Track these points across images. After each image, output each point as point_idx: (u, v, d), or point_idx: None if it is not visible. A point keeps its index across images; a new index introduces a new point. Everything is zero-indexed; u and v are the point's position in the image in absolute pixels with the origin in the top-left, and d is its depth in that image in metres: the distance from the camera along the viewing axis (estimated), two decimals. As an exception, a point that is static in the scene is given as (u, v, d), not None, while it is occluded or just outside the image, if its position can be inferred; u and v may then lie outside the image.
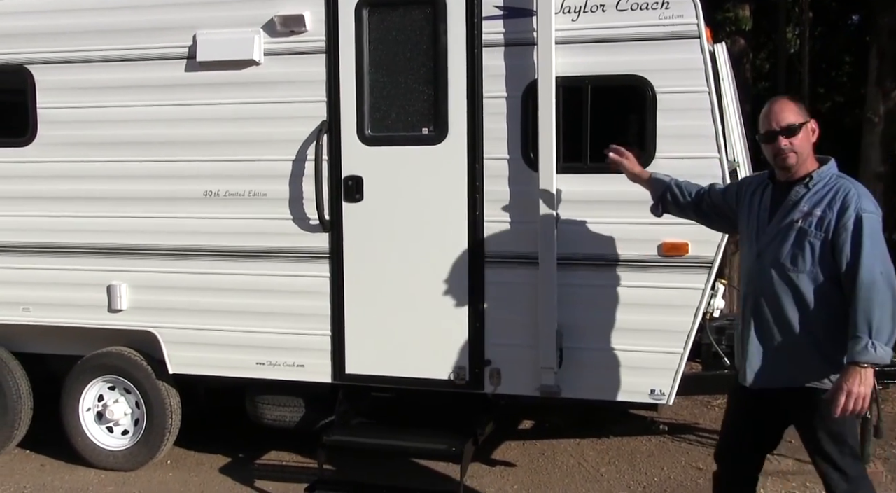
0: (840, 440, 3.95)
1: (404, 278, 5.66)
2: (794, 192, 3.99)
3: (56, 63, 6.10)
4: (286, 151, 5.76)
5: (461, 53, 5.44)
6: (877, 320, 3.73)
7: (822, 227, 3.87)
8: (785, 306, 3.96)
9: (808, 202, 3.93)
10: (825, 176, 3.97)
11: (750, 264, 4.14)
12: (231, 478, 6.28)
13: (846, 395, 3.74)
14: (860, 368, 3.75)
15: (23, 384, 6.54)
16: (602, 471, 6.31)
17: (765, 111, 4.04)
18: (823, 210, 3.88)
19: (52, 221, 6.19)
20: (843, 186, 3.92)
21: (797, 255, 3.92)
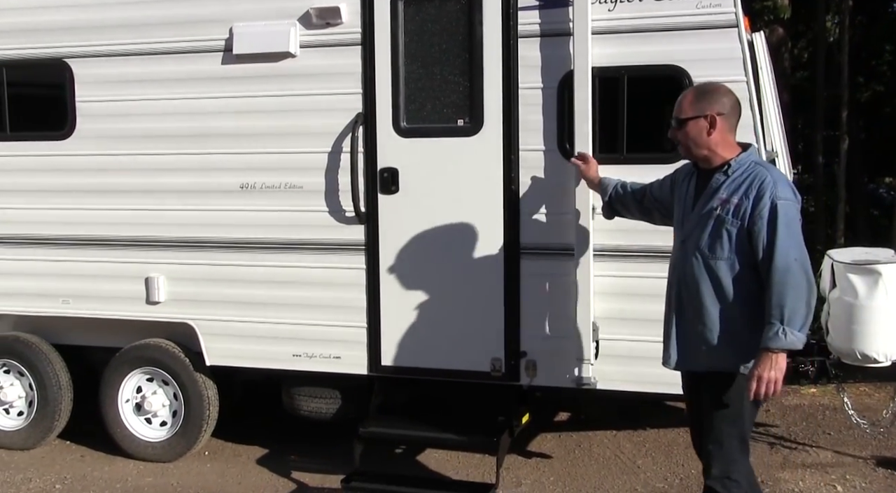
0: (735, 422, 4.03)
1: (440, 270, 5.65)
2: (715, 179, 4.04)
3: (94, 57, 6.15)
4: (322, 144, 5.77)
5: (497, 44, 5.42)
6: (789, 306, 3.78)
7: (739, 215, 3.90)
8: (704, 293, 4.02)
9: (727, 190, 3.97)
10: (744, 163, 4.00)
11: (675, 251, 4.23)
12: (268, 469, 6.32)
13: (757, 380, 3.84)
14: (772, 353, 3.82)
15: (63, 376, 6.62)
16: (639, 463, 6.29)
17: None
18: (740, 198, 3.91)
19: (90, 214, 6.25)
20: (759, 173, 3.94)
21: (715, 242, 3.97)
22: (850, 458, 6.27)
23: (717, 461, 4.06)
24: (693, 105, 4.07)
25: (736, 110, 4.12)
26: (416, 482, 5.96)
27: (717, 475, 4.06)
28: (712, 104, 4.05)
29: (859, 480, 5.90)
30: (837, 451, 6.38)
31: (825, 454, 6.34)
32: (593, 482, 5.98)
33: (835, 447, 6.47)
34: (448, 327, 5.67)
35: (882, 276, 5.62)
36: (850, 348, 5.71)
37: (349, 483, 5.66)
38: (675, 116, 4.12)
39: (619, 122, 5.29)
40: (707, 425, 4.12)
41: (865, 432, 6.55)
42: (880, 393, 7.50)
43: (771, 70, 6.41)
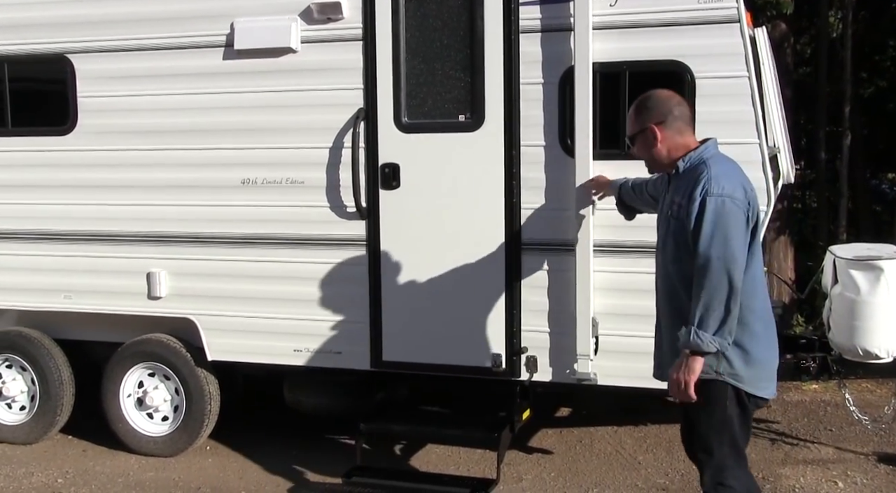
0: (722, 429, 3.93)
1: (441, 266, 5.65)
2: (671, 183, 4.06)
3: (96, 52, 6.15)
4: (323, 139, 5.78)
5: (498, 40, 5.42)
6: (702, 307, 3.71)
7: (679, 215, 3.88)
8: (665, 295, 4.06)
9: (677, 191, 3.96)
10: (693, 161, 3.95)
11: (655, 260, 4.23)
12: (269, 464, 6.32)
13: (669, 382, 3.88)
14: (684, 355, 3.79)
15: (65, 371, 6.62)
16: (640, 459, 6.29)
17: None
18: (681, 197, 3.89)
19: (92, 209, 6.25)
20: (699, 170, 3.88)
21: (668, 244, 3.98)
22: (852, 454, 6.27)
23: (709, 469, 3.99)
24: (634, 121, 4.09)
25: (681, 111, 4.05)
26: (417, 478, 5.98)
27: (709, 482, 3.99)
28: (649, 116, 4.03)
29: (861, 476, 5.90)
30: (839, 447, 6.38)
31: (826, 451, 6.34)
32: (594, 478, 5.99)
33: (836, 443, 6.46)
34: (449, 323, 5.67)
35: (884, 272, 5.62)
36: (852, 344, 5.71)
37: (350, 478, 5.68)
38: (627, 134, 4.17)
39: (621, 117, 5.28)
40: (696, 433, 4.06)
41: (867, 428, 6.55)
42: (882, 389, 7.50)
43: (773, 66, 6.40)
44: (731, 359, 3.87)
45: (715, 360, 3.85)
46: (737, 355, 3.88)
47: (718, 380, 3.89)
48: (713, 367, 3.86)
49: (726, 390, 3.90)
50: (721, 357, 3.84)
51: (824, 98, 12.80)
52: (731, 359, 3.87)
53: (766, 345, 4.01)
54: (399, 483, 5.78)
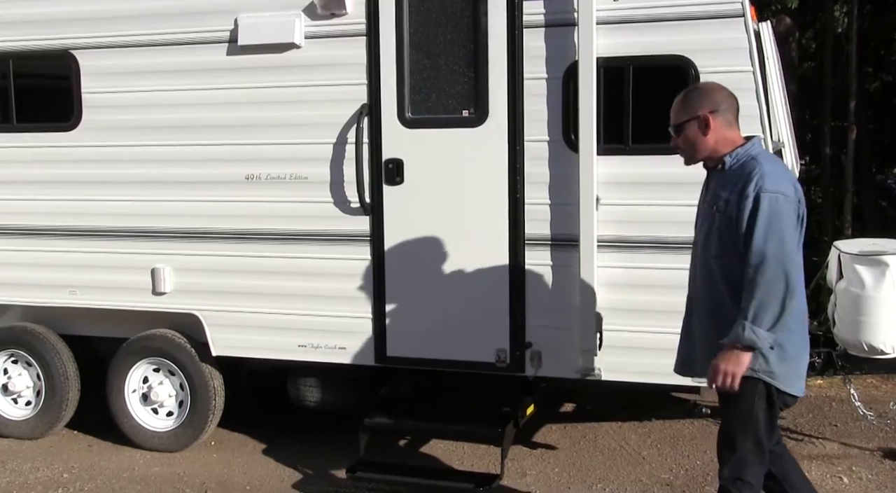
0: (748, 426, 3.92)
1: (445, 261, 5.65)
2: (714, 177, 4.03)
3: (100, 48, 6.15)
4: (327, 135, 5.78)
5: (502, 35, 5.41)
6: (757, 302, 3.70)
7: (727, 211, 3.84)
8: (707, 292, 4.00)
9: (721, 186, 3.93)
10: (741, 157, 3.92)
11: (691, 254, 4.21)
12: (273, 459, 6.33)
13: (713, 369, 3.84)
14: (734, 348, 3.77)
15: (70, 366, 6.64)
16: (644, 454, 6.29)
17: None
18: (729, 193, 3.85)
19: (96, 204, 6.26)
20: (749, 166, 3.86)
21: (711, 241, 3.94)
22: (857, 450, 6.27)
23: (729, 463, 3.98)
24: (684, 109, 4.01)
25: (730, 104, 4.02)
26: (421, 473, 5.97)
27: (728, 476, 3.97)
28: (702, 104, 3.98)
29: (865, 472, 5.89)
30: (844, 443, 6.37)
31: (831, 446, 6.33)
32: (598, 473, 5.99)
33: (841, 438, 6.46)
34: (453, 318, 5.68)
35: (889, 267, 5.61)
36: (857, 340, 5.71)
37: (354, 473, 5.68)
38: (671, 124, 4.07)
39: (625, 112, 5.28)
40: (721, 427, 4.09)
41: (872, 423, 6.55)
42: (887, 385, 7.49)
43: (778, 60, 6.40)
44: (768, 356, 3.85)
45: (752, 356, 3.84)
46: (773, 351, 3.86)
47: (751, 376, 3.87)
48: (751, 364, 3.85)
49: (757, 386, 3.89)
50: (758, 354, 3.83)
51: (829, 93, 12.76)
52: (767, 356, 3.85)
53: (800, 342, 3.99)
54: (403, 478, 5.78)
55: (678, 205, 5.20)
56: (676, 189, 5.18)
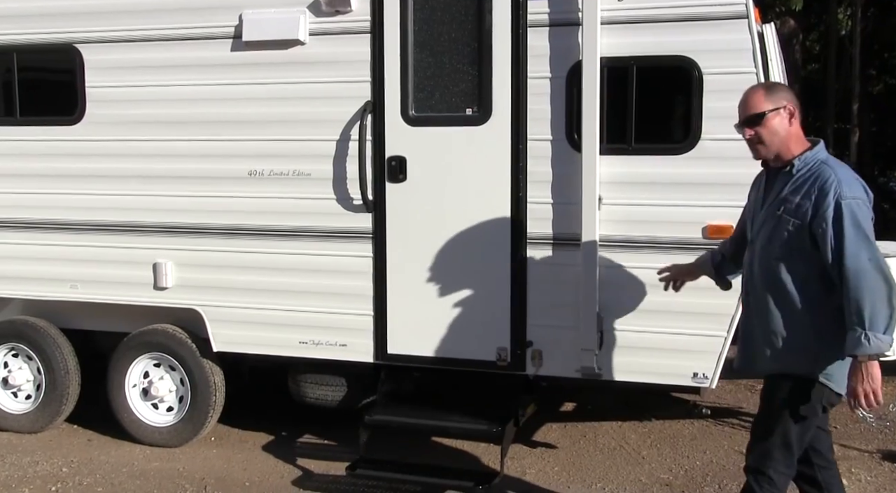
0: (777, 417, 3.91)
1: (447, 259, 5.66)
2: (780, 178, 3.93)
3: (105, 42, 6.16)
4: (330, 131, 5.78)
5: (506, 33, 5.42)
6: (868, 309, 3.63)
7: (798, 215, 3.78)
8: (767, 295, 3.92)
9: (789, 189, 3.85)
10: (809, 161, 3.85)
11: (746, 253, 4.13)
12: (273, 456, 6.34)
13: (854, 395, 3.72)
14: (862, 362, 3.67)
15: (70, 360, 6.65)
16: (644, 454, 6.29)
17: (740, 101, 4.00)
18: (801, 198, 3.78)
19: (99, 199, 6.27)
20: (822, 172, 3.78)
21: (776, 243, 3.87)
22: (856, 451, 6.27)
23: (754, 454, 3.99)
24: (768, 99, 3.89)
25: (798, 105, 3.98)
26: (421, 470, 5.96)
27: (751, 465, 3.99)
28: (787, 96, 3.92)
29: (864, 473, 5.90)
30: (843, 444, 6.37)
31: (830, 447, 6.33)
32: (598, 473, 5.99)
33: (840, 440, 6.45)
34: (454, 316, 5.68)
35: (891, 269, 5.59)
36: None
37: (354, 470, 5.68)
38: (749, 113, 3.90)
39: (628, 112, 5.28)
40: (758, 415, 4.08)
41: (871, 426, 6.55)
42: (887, 387, 7.42)
43: (781, 62, 6.38)
44: (829, 358, 3.83)
45: (814, 358, 3.82)
46: (829, 354, 3.83)
47: (809, 378, 3.86)
48: (808, 365, 3.84)
49: (810, 389, 3.86)
50: (821, 355, 3.81)
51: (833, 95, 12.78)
52: (829, 358, 3.82)
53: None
54: (403, 476, 5.78)
55: (680, 205, 5.21)
56: (678, 189, 5.19)
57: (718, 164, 5.15)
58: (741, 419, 6.88)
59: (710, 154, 5.15)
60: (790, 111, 3.88)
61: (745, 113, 3.92)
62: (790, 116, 3.88)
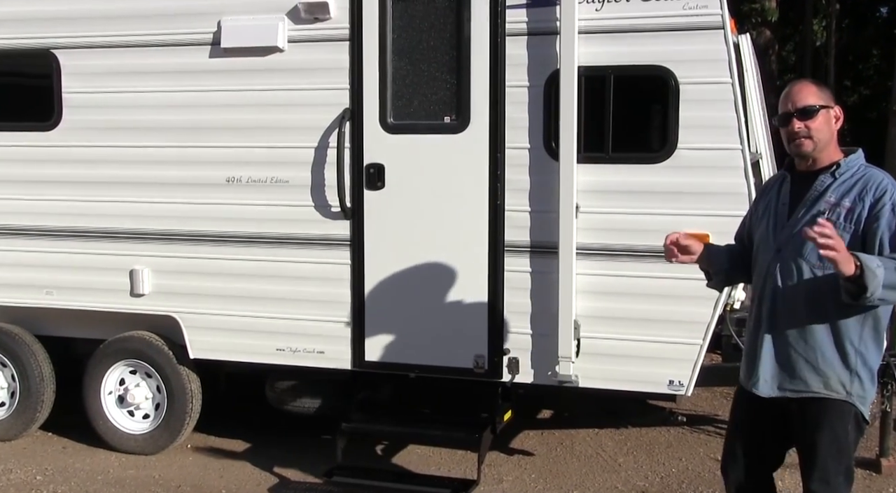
0: (841, 456, 3.63)
1: (425, 266, 5.67)
2: (819, 182, 3.65)
3: (82, 48, 6.13)
4: (309, 138, 5.78)
5: (484, 42, 5.44)
6: (888, 277, 3.32)
7: (852, 219, 3.53)
8: (806, 305, 3.61)
9: (835, 193, 3.60)
10: (853, 165, 3.65)
11: (767, 262, 3.73)
12: (250, 463, 6.32)
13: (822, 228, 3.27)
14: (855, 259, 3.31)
15: (45, 367, 6.60)
16: (620, 461, 6.31)
17: (784, 92, 3.74)
18: (853, 201, 3.55)
19: (75, 205, 6.23)
20: (873, 175, 3.60)
21: (811, 247, 3.50)
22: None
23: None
24: (821, 95, 3.67)
25: None
26: (398, 478, 5.98)
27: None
28: (833, 99, 3.72)
29: (838, 480, 5.93)
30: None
31: (805, 455, 6.37)
32: (574, 480, 6.01)
33: (814, 447, 6.50)
34: (432, 324, 5.69)
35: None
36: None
37: (331, 478, 5.69)
38: (802, 104, 3.62)
39: (605, 121, 5.32)
40: (810, 461, 3.65)
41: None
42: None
43: (757, 72, 6.46)
44: (864, 380, 3.61)
45: (848, 378, 3.59)
46: (867, 374, 3.63)
47: (847, 401, 3.61)
48: (845, 386, 3.60)
49: (851, 412, 3.62)
50: (855, 376, 3.59)
51: (808, 105, 12.88)
52: (863, 380, 3.61)
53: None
54: (380, 483, 5.78)
55: (657, 214, 5.24)
56: (655, 198, 5.22)
57: (695, 173, 5.19)
58: (717, 427, 6.91)
59: (686, 163, 5.19)
60: (836, 114, 3.69)
61: (797, 104, 3.63)
62: (836, 119, 3.70)
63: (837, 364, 3.61)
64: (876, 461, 6.12)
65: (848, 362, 3.61)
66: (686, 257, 3.90)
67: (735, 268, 4.03)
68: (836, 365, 3.61)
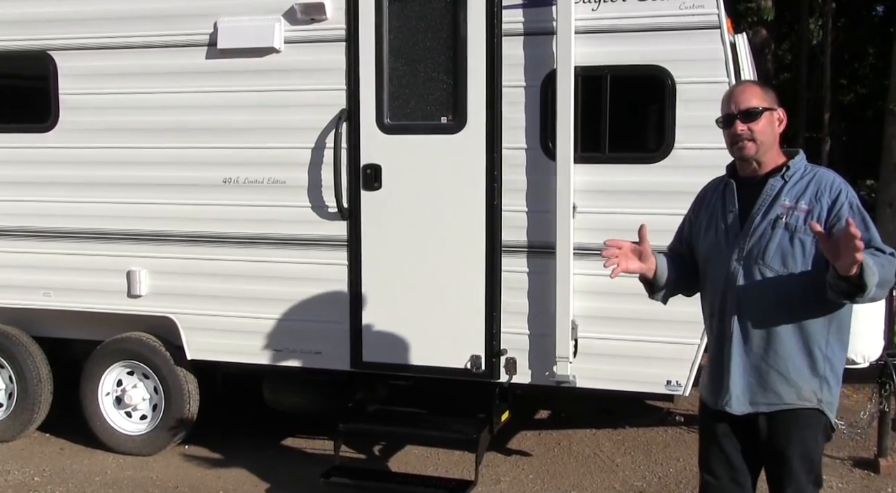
0: (812, 465, 3.55)
1: (421, 267, 5.67)
2: (770, 186, 3.54)
3: (78, 49, 6.13)
4: (305, 139, 5.78)
5: (481, 42, 5.44)
6: (879, 274, 3.22)
7: (812, 221, 3.39)
8: (774, 313, 3.51)
9: (789, 196, 3.50)
10: (800, 167, 3.56)
11: (726, 273, 3.59)
12: (248, 463, 6.31)
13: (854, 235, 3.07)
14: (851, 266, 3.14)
15: (43, 368, 6.60)
16: (618, 461, 6.32)
17: (727, 93, 3.65)
18: (809, 202, 3.46)
19: (72, 206, 6.23)
20: (822, 175, 3.53)
21: (787, 254, 3.46)
22: (828, 458, 6.30)
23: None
24: (764, 96, 3.56)
25: None
26: (396, 478, 5.98)
27: None
28: (777, 101, 3.62)
29: (836, 480, 5.94)
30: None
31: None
32: (572, 480, 6.01)
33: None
34: (429, 324, 5.69)
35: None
36: (829, 349, 5.74)
37: (329, 478, 5.67)
38: (745, 106, 3.51)
39: (602, 121, 5.32)
40: (782, 474, 3.56)
41: (843, 433, 6.60)
42: (858, 395, 7.55)
43: (753, 72, 6.45)
44: (832, 386, 3.55)
45: (818, 385, 3.51)
46: (835, 380, 3.56)
47: (818, 410, 3.53)
48: (816, 394, 3.51)
49: (821, 421, 3.55)
50: (824, 382, 3.51)
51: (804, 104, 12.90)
52: (831, 386, 3.55)
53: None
54: (377, 484, 5.79)
55: (653, 214, 5.22)
56: (652, 198, 5.22)
57: (692, 172, 5.16)
58: (714, 426, 6.90)
59: (683, 163, 5.19)
60: (780, 116, 3.60)
61: (740, 106, 3.53)
62: (779, 121, 3.60)
63: (807, 373, 3.52)
64: (874, 461, 6.13)
65: (817, 368, 3.52)
66: (636, 266, 3.73)
67: (680, 279, 3.85)
68: (806, 374, 3.51)
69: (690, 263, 3.86)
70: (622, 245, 3.72)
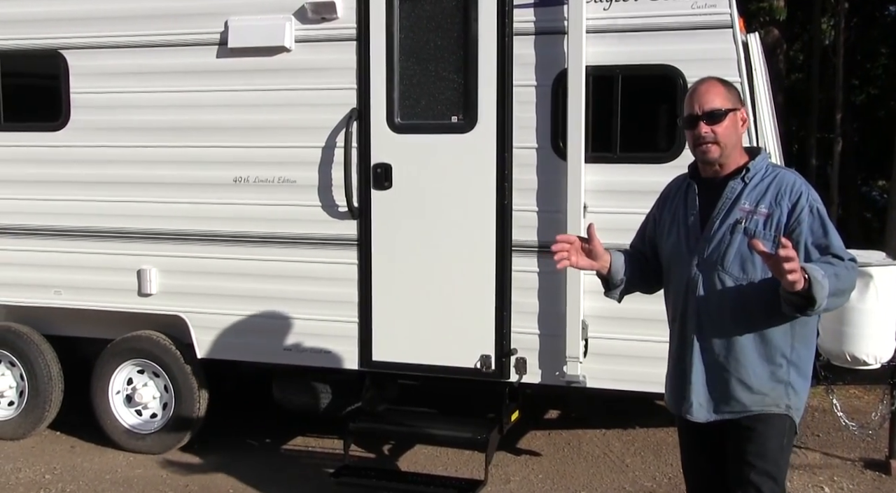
0: (778, 471, 3.47)
1: (432, 266, 5.66)
2: (730, 189, 3.47)
3: (90, 48, 6.15)
4: (316, 138, 5.78)
5: (492, 42, 5.43)
6: (843, 284, 3.24)
7: (772, 225, 3.37)
8: (733, 319, 3.44)
9: (749, 199, 3.43)
10: (760, 168, 3.48)
11: (687, 277, 3.53)
12: (257, 462, 6.32)
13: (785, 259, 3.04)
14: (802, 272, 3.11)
15: (54, 367, 6.61)
16: (627, 462, 6.30)
17: (690, 92, 3.55)
18: (769, 206, 3.39)
19: (83, 205, 6.25)
20: (784, 177, 3.45)
21: (746, 260, 3.40)
22: (839, 459, 6.30)
23: None
24: (730, 96, 3.49)
25: None
26: (405, 478, 5.98)
27: None
28: (741, 100, 3.58)
29: (847, 482, 5.92)
30: (826, 452, 6.40)
31: (813, 456, 6.36)
32: (582, 480, 6.00)
33: (823, 448, 6.49)
34: (439, 324, 5.68)
35: (873, 278, 5.64)
36: (840, 351, 5.74)
37: (339, 478, 5.67)
38: (708, 108, 3.43)
39: (613, 121, 5.31)
40: (746, 478, 3.46)
41: (854, 434, 6.57)
42: (869, 395, 7.53)
43: (765, 72, 6.43)
44: (798, 390, 3.48)
45: (784, 391, 3.45)
46: (802, 384, 3.49)
47: (785, 415, 3.47)
48: (783, 400, 3.45)
49: (785, 424, 3.48)
50: (790, 388, 3.46)
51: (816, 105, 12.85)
52: (797, 390, 3.48)
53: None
54: (387, 483, 5.77)
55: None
56: (663, 198, 5.20)
57: (703, 172, 5.16)
58: (725, 427, 6.89)
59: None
60: (743, 117, 3.53)
61: (704, 107, 3.44)
62: (742, 121, 3.53)
63: (770, 380, 3.45)
64: (886, 462, 6.11)
65: (780, 375, 3.45)
66: (585, 263, 3.68)
67: (637, 277, 3.80)
68: (769, 382, 3.45)
69: (652, 261, 3.82)
70: (573, 240, 3.68)
